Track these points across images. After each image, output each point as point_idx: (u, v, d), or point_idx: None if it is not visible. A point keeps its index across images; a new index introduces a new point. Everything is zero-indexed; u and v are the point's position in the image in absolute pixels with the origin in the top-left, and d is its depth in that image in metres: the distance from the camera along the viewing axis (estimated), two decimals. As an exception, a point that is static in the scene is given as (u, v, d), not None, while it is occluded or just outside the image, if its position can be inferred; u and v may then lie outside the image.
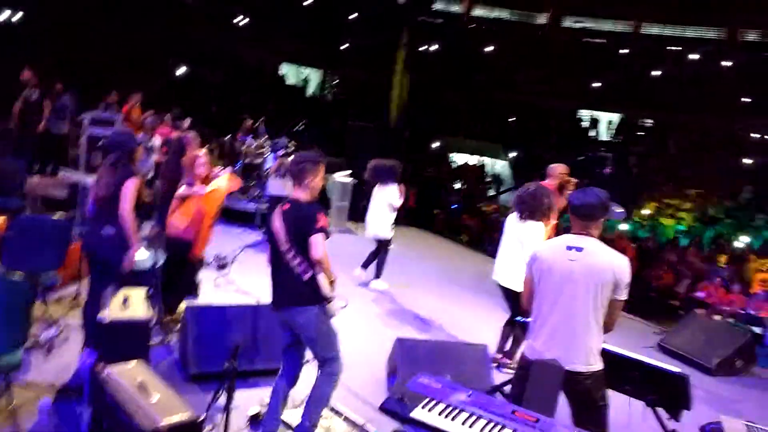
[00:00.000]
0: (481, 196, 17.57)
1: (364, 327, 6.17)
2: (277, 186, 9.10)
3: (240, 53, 18.75)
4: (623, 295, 3.09)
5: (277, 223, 3.51)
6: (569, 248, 3.16)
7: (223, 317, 4.54)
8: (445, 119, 20.44)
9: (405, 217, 8.33)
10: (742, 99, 18.76)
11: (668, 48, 22.79)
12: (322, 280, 3.40)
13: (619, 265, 3.07)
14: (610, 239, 11.26)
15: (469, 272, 9.47)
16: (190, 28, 17.46)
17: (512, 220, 5.28)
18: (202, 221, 4.99)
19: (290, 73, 23.12)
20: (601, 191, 3.24)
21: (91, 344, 3.98)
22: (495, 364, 5.27)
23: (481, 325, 6.25)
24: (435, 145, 20.40)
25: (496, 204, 15.89)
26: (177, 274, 5.03)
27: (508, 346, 5.40)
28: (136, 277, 4.50)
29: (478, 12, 26.99)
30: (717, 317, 8.00)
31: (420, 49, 21.79)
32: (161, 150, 8.41)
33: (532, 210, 5.02)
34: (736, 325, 7.45)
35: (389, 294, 7.53)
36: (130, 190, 4.04)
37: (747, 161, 17.97)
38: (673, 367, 3.60)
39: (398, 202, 7.43)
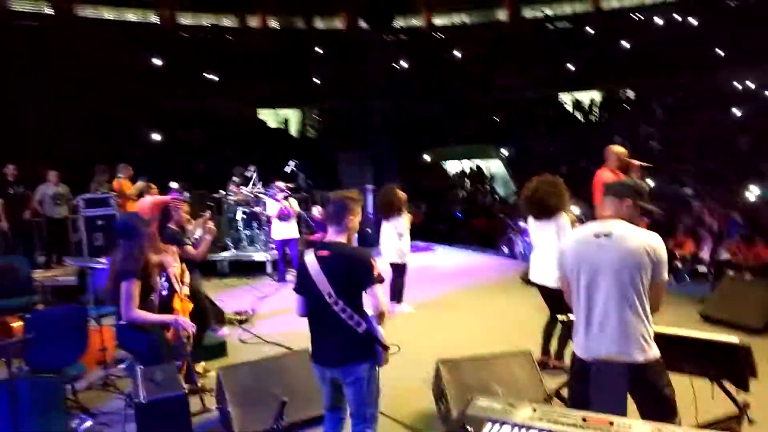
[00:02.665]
0: (484, 199, 17.50)
1: (397, 356, 5.99)
2: (282, 230, 9.04)
3: (216, 108, 18.87)
4: (663, 275, 2.92)
5: (315, 271, 3.16)
6: (597, 236, 3.03)
7: (257, 372, 4.42)
8: (430, 131, 20.43)
9: (413, 234, 8.23)
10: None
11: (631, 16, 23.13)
12: (379, 330, 3.17)
13: (652, 244, 2.91)
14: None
15: (492, 277, 9.32)
16: (158, 93, 17.60)
17: (532, 220, 5.24)
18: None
19: (269, 117, 23.22)
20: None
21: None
22: (543, 368, 5.11)
23: (522, 330, 6.07)
24: (426, 157, 20.39)
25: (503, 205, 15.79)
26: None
27: (553, 346, 5.25)
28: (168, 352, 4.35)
29: (439, 21, 27.28)
30: (748, 276, 7.81)
31: (394, 66, 22.01)
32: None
33: (540, 209, 5.06)
34: (768, 281, 7.25)
35: (417, 316, 7.38)
36: (125, 293, 3.76)
37: None
38: (730, 337, 3.43)
39: (405, 230, 7.31)
